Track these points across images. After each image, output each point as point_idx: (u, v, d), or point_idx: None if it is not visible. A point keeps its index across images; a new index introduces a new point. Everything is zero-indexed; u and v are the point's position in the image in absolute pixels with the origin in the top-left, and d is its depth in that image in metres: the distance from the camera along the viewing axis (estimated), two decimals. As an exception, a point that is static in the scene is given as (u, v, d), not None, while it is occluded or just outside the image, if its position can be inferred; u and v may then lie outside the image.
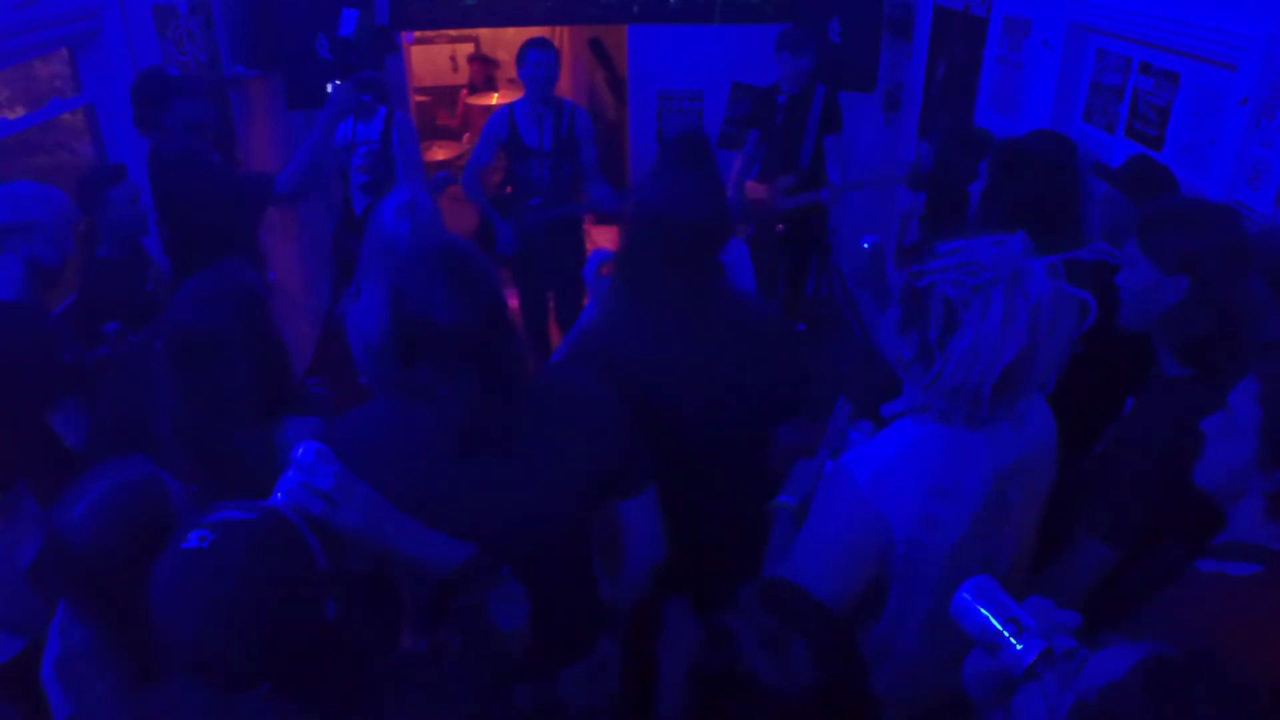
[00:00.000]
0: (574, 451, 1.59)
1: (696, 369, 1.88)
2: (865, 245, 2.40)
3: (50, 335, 2.40)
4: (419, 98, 6.78)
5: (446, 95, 7.73)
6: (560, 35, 6.60)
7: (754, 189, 4.27)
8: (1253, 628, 1.22)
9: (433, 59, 7.53)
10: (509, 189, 4.30)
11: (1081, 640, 1.07)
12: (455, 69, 7.69)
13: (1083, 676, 1.00)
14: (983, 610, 1.11)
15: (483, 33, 7.40)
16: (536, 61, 3.92)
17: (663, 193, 1.90)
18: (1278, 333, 1.66)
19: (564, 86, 6.23)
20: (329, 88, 3.32)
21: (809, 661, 1.10)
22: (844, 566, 1.43)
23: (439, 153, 6.56)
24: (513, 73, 7.28)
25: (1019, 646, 1.07)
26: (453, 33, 7.15)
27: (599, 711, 1.86)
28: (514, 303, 4.51)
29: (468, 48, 7.62)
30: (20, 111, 3.15)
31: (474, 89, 7.47)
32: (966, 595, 1.13)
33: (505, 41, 7.33)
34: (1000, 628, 1.09)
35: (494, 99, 7.08)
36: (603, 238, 5.95)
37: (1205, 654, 0.96)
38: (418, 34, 6.60)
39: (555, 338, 4.49)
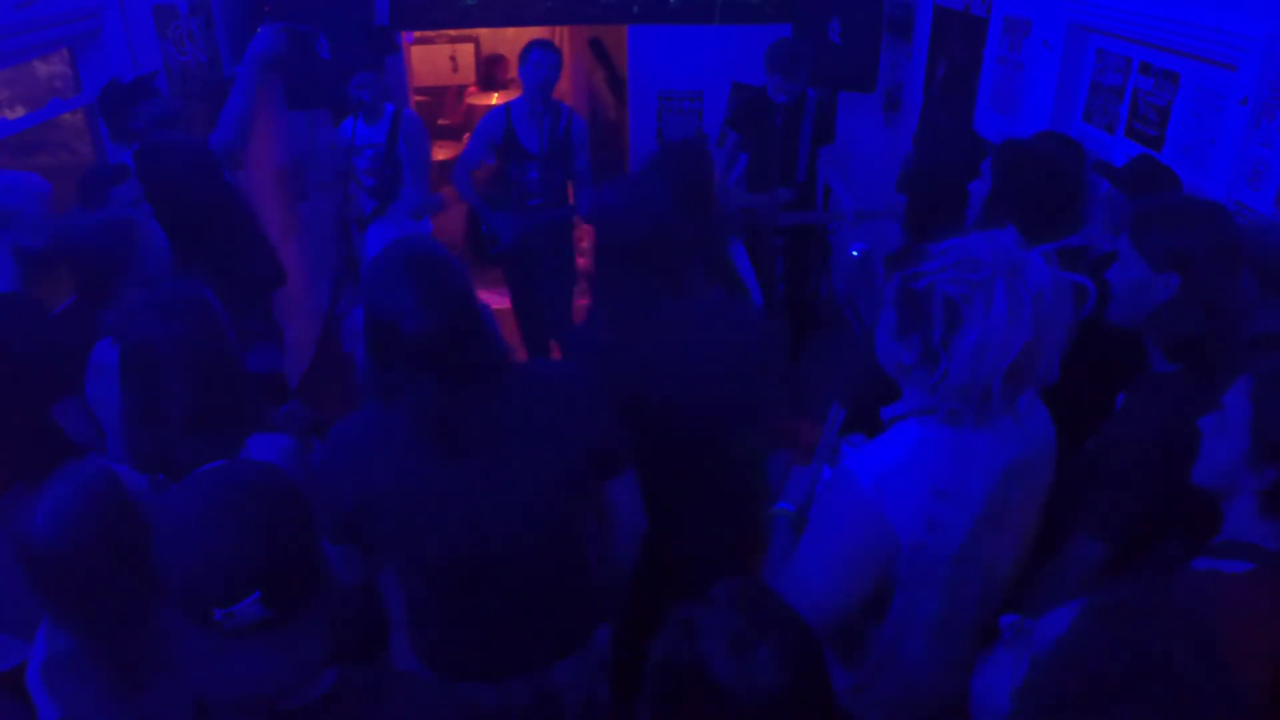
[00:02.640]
0: (563, 439, 1.60)
1: (658, 370, 1.90)
2: (854, 252, 2.38)
3: (50, 326, 2.37)
4: (419, 98, 6.78)
5: (447, 95, 7.74)
6: (560, 35, 6.59)
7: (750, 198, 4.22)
8: (1244, 624, 1.22)
9: (433, 59, 7.53)
10: (501, 189, 4.26)
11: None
12: (455, 69, 7.69)
13: (1034, 641, 1.03)
14: None
15: (483, 33, 7.40)
16: (538, 61, 3.90)
17: (615, 201, 1.93)
18: (1267, 328, 1.66)
19: (564, 87, 6.23)
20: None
21: (771, 666, 1.05)
22: (849, 571, 1.42)
23: (439, 153, 6.55)
24: (515, 72, 7.35)
25: None
26: (453, 33, 7.14)
27: (595, 704, 1.86)
28: (506, 303, 4.50)
29: (468, 48, 7.62)
30: (20, 111, 3.15)
31: (485, 86, 7.48)
32: None
33: (506, 41, 7.33)
34: None
35: (494, 99, 7.08)
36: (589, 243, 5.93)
37: (1150, 592, 1.00)
38: (418, 34, 6.60)
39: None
